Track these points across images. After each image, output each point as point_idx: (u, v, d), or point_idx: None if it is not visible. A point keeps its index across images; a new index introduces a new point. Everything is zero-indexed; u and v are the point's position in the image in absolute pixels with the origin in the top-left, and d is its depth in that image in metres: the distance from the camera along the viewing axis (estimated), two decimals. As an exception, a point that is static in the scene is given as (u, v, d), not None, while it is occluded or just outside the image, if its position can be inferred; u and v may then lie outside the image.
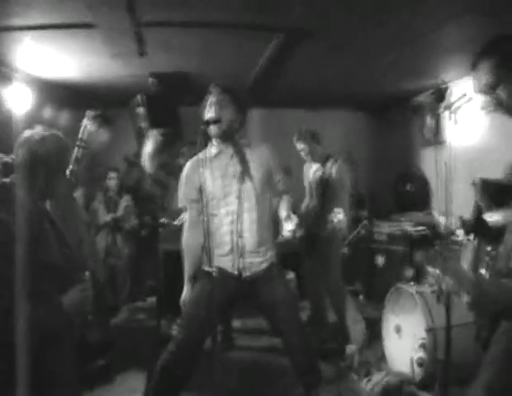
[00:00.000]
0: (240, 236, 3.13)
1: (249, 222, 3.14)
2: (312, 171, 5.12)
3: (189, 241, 3.27)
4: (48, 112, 6.23)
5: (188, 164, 3.29)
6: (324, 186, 4.94)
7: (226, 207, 3.12)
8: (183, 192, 3.27)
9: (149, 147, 4.55)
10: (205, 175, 3.06)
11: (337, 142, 8.18)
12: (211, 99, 3.12)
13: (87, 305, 2.34)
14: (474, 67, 2.00)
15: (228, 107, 3.10)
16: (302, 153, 5.08)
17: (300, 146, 5.05)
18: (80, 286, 2.30)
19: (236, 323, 5.58)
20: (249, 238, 3.15)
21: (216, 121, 3.01)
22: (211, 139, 3.16)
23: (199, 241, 3.23)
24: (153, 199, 5.84)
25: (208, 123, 3.03)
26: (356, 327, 4.89)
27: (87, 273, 2.37)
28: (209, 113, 3.08)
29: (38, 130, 2.35)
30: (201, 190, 3.13)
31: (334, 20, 4.10)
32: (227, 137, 3.15)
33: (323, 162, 5.01)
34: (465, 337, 3.53)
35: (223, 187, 3.12)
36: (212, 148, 3.17)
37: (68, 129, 6.60)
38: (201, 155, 3.19)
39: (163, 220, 4.67)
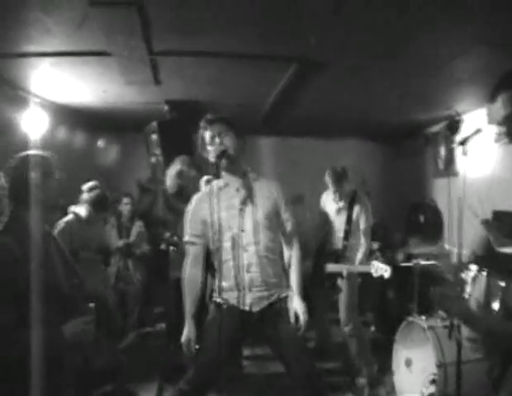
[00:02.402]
0: (247, 270, 3.09)
1: (256, 255, 3.10)
2: (336, 207, 5.10)
3: (190, 278, 3.22)
4: (62, 136, 6.30)
5: (195, 198, 3.27)
6: (349, 226, 4.94)
7: (231, 240, 3.08)
8: (188, 227, 3.25)
9: (173, 167, 4.59)
10: (210, 208, 3.03)
11: (350, 171, 8.18)
12: (209, 132, 3.11)
13: (87, 337, 2.34)
14: (491, 98, 1.99)
15: (227, 135, 3.09)
16: (332, 193, 5.08)
17: (332, 187, 5.06)
18: (83, 318, 2.31)
19: (246, 351, 5.54)
20: (256, 272, 3.10)
21: (221, 155, 3.01)
22: (220, 173, 3.11)
23: (200, 279, 3.23)
24: (165, 225, 5.85)
25: (221, 157, 3.01)
26: (369, 369, 4.82)
27: (92, 305, 2.37)
28: (213, 144, 3.07)
29: (27, 152, 2.39)
30: (206, 224, 3.11)
31: (347, 50, 4.12)
32: (234, 166, 3.13)
33: (349, 199, 5.00)
34: (476, 372, 3.47)
35: (227, 220, 3.08)
36: (219, 181, 3.13)
37: (82, 153, 6.73)
38: (207, 189, 3.19)
39: (176, 238, 4.67)
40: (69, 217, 5.05)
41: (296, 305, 3.15)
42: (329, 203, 5.20)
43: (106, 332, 4.92)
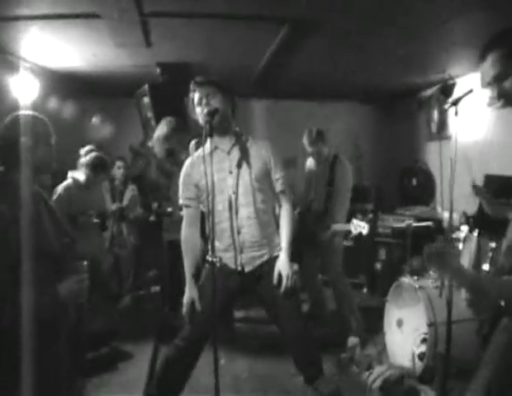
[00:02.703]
0: (239, 232, 3.11)
1: (247, 217, 3.11)
2: (317, 169, 5.12)
3: (188, 239, 3.24)
4: (54, 101, 6.25)
5: (187, 162, 3.27)
6: (330, 189, 4.96)
7: (223, 202, 3.10)
8: (182, 190, 3.25)
9: (159, 132, 4.55)
10: (202, 171, 3.01)
11: (343, 134, 8.20)
12: (198, 94, 3.11)
13: (82, 296, 2.34)
14: (481, 58, 1.98)
15: (217, 97, 3.07)
16: (311, 155, 5.09)
17: (309, 148, 5.05)
18: (77, 276, 2.31)
19: (238, 314, 5.61)
20: (247, 233, 3.13)
21: (213, 113, 2.99)
22: (212, 131, 3.09)
23: (197, 239, 3.26)
24: (158, 188, 5.85)
25: (213, 115, 3.00)
26: (355, 319, 4.91)
27: (85, 263, 2.37)
28: (203, 108, 3.05)
29: (18, 113, 2.36)
30: (198, 188, 3.13)
31: (341, 12, 4.09)
32: (224, 128, 3.12)
33: (330, 162, 5.01)
34: (466, 332, 3.52)
35: (219, 182, 3.07)
36: (209, 144, 3.10)
37: (73, 119, 6.68)
38: (199, 152, 3.18)
39: (169, 209, 4.67)
40: (68, 182, 5.05)
41: (281, 265, 3.16)
42: (311, 166, 5.24)
43: (102, 295, 4.98)
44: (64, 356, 2.39)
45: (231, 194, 3.10)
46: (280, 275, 3.14)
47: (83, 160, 5.17)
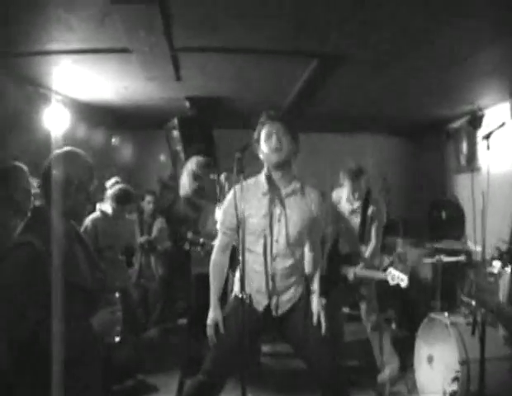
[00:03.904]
0: (273, 278, 3.09)
1: (283, 267, 3.10)
2: (351, 207, 4.98)
3: (217, 262, 3.24)
4: (84, 133, 6.34)
5: (235, 189, 3.05)
6: (364, 228, 4.85)
7: (263, 245, 3.07)
8: (223, 217, 3.22)
9: (186, 171, 4.58)
10: (248, 207, 3.00)
11: (371, 167, 8.15)
12: (268, 129, 3.04)
13: (116, 326, 2.35)
14: None
15: (286, 136, 3.02)
16: (348, 192, 4.94)
17: (349, 185, 4.86)
18: (110, 308, 2.32)
19: (264, 348, 5.55)
20: (281, 280, 3.12)
21: (244, 149, 2.96)
22: (244, 167, 3.05)
23: (226, 265, 3.26)
24: (186, 221, 5.86)
25: (244, 150, 2.97)
26: (391, 366, 4.78)
27: (116, 295, 2.38)
28: (270, 142, 3.00)
29: (66, 150, 2.38)
30: (239, 220, 3.00)
31: (369, 46, 4.10)
32: (284, 167, 3.07)
33: (364, 198, 4.88)
34: (500, 370, 3.44)
35: (264, 227, 3.05)
36: (265, 184, 3.08)
37: (104, 150, 6.77)
38: (250, 182, 3.12)
39: (201, 240, 4.67)
40: (95, 214, 5.09)
41: (317, 308, 3.19)
42: (343, 202, 5.07)
43: (129, 327, 4.97)
44: (96, 387, 2.38)
45: (273, 241, 3.07)
46: (319, 316, 3.15)
47: (109, 192, 5.21)
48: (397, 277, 4.27)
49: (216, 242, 3.30)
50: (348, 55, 4.35)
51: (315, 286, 3.26)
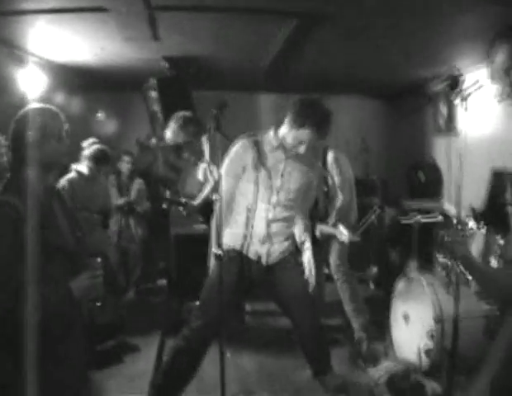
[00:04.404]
0: (268, 225, 3.24)
1: (281, 215, 3.26)
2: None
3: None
4: (61, 95, 6.25)
5: (243, 142, 3.27)
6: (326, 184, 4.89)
7: (267, 197, 3.21)
8: (230, 165, 3.25)
9: (172, 126, 4.53)
10: (257, 161, 3.12)
11: (350, 128, 8.19)
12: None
13: (96, 291, 2.35)
14: (490, 51, 1.96)
15: None
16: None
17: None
18: (90, 272, 2.31)
19: (247, 307, 5.62)
20: (275, 228, 3.27)
21: (221, 106, 3.01)
22: (221, 124, 3.11)
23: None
24: (165, 182, 5.85)
25: (221, 108, 3.01)
26: (361, 318, 4.88)
27: (98, 259, 2.38)
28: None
29: (32, 106, 2.35)
30: (247, 171, 3.17)
31: (349, 6, 4.06)
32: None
33: (322, 158, 4.92)
34: (473, 328, 3.53)
35: (270, 178, 3.18)
36: (273, 140, 3.26)
37: (80, 113, 6.69)
38: (258, 138, 3.24)
39: (183, 200, 4.65)
40: (71, 175, 5.07)
41: (309, 262, 3.32)
42: None
43: (109, 289, 4.99)
44: (77, 351, 2.40)
45: (276, 193, 3.22)
46: (310, 271, 3.28)
47: (86, 152, 5.18)
48: (341, 233, 4.48)
49: (223, 189, 3.28)
50: (328, 16, 4.31)
51: (308, 244, 3.37)
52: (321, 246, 4.87)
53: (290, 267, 3.34)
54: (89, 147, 5.26)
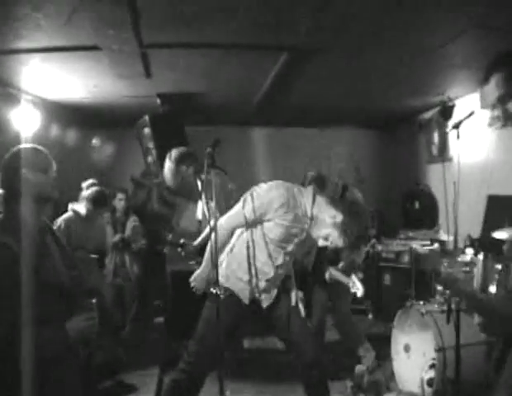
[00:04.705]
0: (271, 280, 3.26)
1: (282, 272, 3.28)
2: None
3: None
4: (55, 132, 6.27)
5: (284, 191, 3.13)
6: None
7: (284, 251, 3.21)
8: (259, 206, 3.12)
9: (169, 161, 4.49)
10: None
11: (343, 159, 8.22)
12: None
13: (91, 334, 2.33)
14: (484, 81, 1.97)
15: None
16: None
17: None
18: (86, 314, 2.30)
19: (245, 343, 5.56)
20: (274, 281, 3.29)
21: (214, 144, 3.02)
22: (215, 162, 3.10)
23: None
24: (160, 219, 5.83)
25: (214, 146, 3.02)
26: (366, 356, 4.84)
27: (94, 300, 2.36)
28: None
29: (17, 147, 2.36)
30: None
31: (340, 38, 4.11)
32: None
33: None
34: (475, 356, 3.49)
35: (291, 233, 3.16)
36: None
37: (75, 149, 6.70)
38: (295, 190, 3.17)
39: (182, 241, 4.62)
40: (68, 214, 5.07)
41: (295, 295, 3.38)
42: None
43: (105, 328, 4.93)
44: (74, 391, 2.36)
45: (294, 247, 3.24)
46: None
47: (85, 193, 5.20)
48: (355, 286, 4.58)
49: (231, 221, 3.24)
50: (319, 48, 4.36)
51: (292, 283, 3.43)
52: (328, 289, 4.88)
53: (284, 301, 3.35)
54: (88, 188, 5.28)
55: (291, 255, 3.26)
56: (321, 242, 3.24)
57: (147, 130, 5.88)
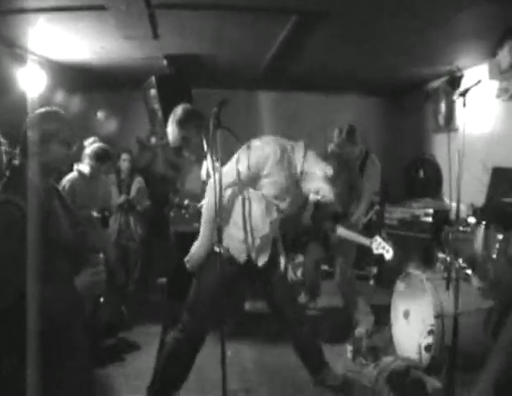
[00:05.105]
0: (270, 228, 3.28)
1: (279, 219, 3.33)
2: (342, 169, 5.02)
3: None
4: (61, 94, 6.26)
5: (280, 144, 3.22)
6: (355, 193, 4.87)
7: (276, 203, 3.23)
8: (250, 162, 3.15)
9: (174, 118, 4.44)
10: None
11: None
12: None
13: (99, 288, 2.37)
14: (498, 47, 1.96)
15: None
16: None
17: (336, 149, 4.88)
18: (93, 269, 2.33)
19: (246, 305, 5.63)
20: (273, 230, 3.35)
21: (221, 105, 3.01)
22: (221, 122, 3.10)
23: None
24: (165, 180, 5.84)
25: (221, 106, 3.01)
26: (365, 320, 4.90)
27: (101, 255, 2.39)
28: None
29: (45, 109, 2.37)
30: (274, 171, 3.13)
31: (349, 3, 4.07)
32: None
33: (360, 162, 5.00)
34: (473, 323, 3.54)
35: (287, 183, 3.19)
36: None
37: (81, 112, 6.69)
38: (282, 143, 3.21)
39: (186, 202, 4.62)
40: (73, 175, 5.09)
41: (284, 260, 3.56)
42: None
43: (109, 287, 4.99)
44: (82, 348, 2.41)
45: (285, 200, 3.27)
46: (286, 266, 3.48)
47: (87, 151, 5.21)
48: (382, 247, 4.34)
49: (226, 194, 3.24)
50: (327, 13, 4.32)
51: (280, 246, 3.57)
52: (331, 248, 4.89)
53: (274, 268, 3.41)
54: (90, 145, 5.28)
55: (284, 212, 3.29)
56: (312, 196, 3.28)
57: (153, 91, 5.86)
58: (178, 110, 4.15)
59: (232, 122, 3.05)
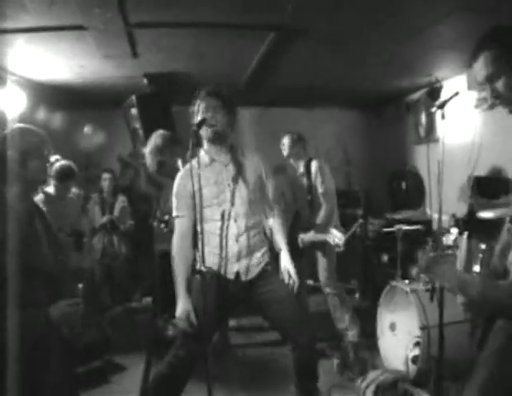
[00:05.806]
0: (237, 241, 3.18)
1: (244, 227, 3.20)
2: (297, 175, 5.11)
3: (180, 251, 3.18)
4: (41, 114, 6.22)
5: (181, 173, 3.30)
6: (311, 193, 4.93)
7: (221, 213, 3.16)
8: (176, 201, 3.24)
9: (151, 145, 4.50)
10: (198, 182, 3.00)
11: (331, 140, 8.23)
12: (203, 104, 3.18)
13: (75, 320, 2.31)
14: (473, 58, 1.96)
15: (220, 111, 3.17)
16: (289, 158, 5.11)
17: (287, 151, 5.18)
18: (71, 300, 2.29)
19: (232, 322, 5.59)
20: (244, 241, 3.20)
21: (200, 124, 3.03)
22: (203, 142, 3.20)
23: (190, 251, 3.20)
24: (148, 199, 5.82)
25: (200, 125, 3.04)
26: (352, 332, 4.90)
27: (80, 286, 2.36)
28: (203, 116, 3.11)
29: (15, 126, 2.36)
30: (194, 198, 3.00)
31: (327, 17, 4.10)
32: (221, 140, 3.22)
33: (305, 166, 5.02)
34: (459, 334, 3.53)
35: (217, 194, 3.17)
36: (205, 157, 3.24)
37: (61, 131, 6.65)
38: (193, 163, 3.14)
39: (166, 217, 4.61)
40: (39, 197, 4.99)
41: (287, 263, 3.34)
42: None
43: (93, 307, 4.94)
44: (60, 373, 2.36)
45: (230, 205, 3.18)
46: (289, 273, 3.30)
47: (50, 171, 5.09)
48: (335, 236, 4.38)
49: (175, 231, 3.26)
50: (306, 28, 4.35)
51: (283, 246, 3.42)
52: (304, 257, 4.88)
53: (270, 276, 3.33)
54: (52, 165, 5.07)
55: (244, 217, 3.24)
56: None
57: (134, 110, 5.85)
58: (156, 138, 4.21)
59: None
